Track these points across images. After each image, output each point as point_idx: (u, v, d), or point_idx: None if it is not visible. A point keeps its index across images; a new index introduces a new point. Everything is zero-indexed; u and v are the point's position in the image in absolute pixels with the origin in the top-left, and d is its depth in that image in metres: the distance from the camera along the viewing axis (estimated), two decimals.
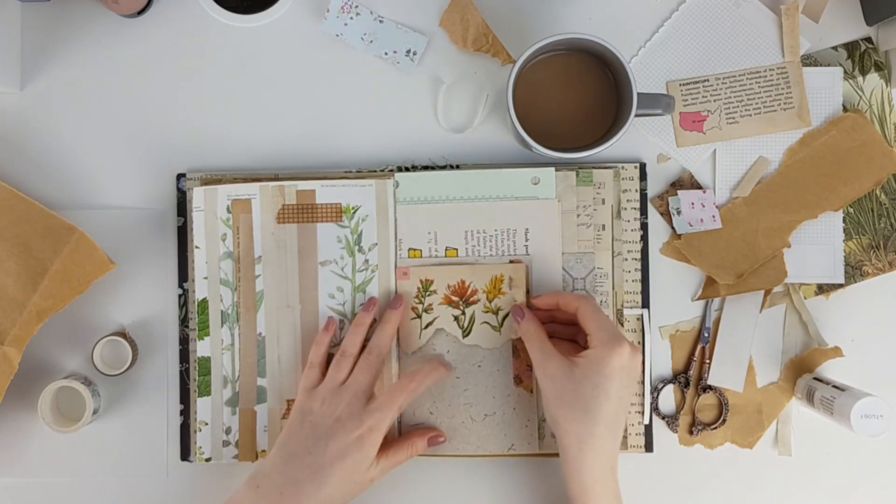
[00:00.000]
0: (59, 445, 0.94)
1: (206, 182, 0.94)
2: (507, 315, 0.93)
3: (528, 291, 0.93)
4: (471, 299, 0.93)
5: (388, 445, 0.88)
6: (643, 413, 0.94)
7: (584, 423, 0.83)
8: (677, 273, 0.96)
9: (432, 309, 0.93)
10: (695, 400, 0.95)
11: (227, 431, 0.93)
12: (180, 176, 0.95)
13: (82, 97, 0.95)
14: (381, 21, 0.95)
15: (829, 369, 0.95)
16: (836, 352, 0.95)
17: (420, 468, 0.94)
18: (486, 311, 0.93)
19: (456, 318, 0.93)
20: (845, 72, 0.95)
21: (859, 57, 0.96)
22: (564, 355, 0.86)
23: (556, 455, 0.91)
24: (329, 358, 0.92)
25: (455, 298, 0.93)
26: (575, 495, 0.84)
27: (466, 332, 0.93)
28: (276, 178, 0.94)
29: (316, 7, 0.95)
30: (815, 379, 0.92)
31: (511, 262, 0.93)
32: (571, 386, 0.84)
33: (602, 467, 0.84)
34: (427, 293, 0.93)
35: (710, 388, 0.95)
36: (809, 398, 0.91)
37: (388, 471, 0.88)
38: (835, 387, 0.89)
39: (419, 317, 0.93)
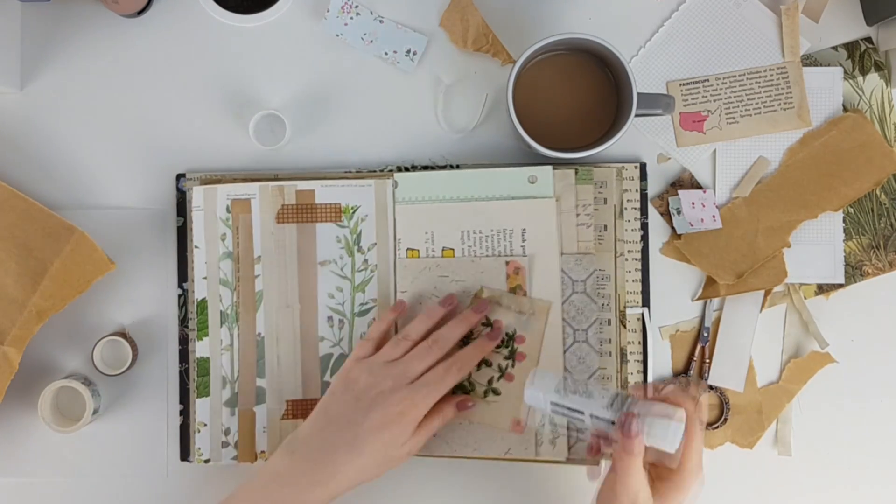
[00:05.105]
0: (59, 445, 0.94)
1: (205, 182, 0.94)
2: None
3: (525, 292, 0.93)
4: None
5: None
6: None
7: None
8: (677, 273, 0.96)
9: None
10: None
11: (227, 432, 0.93)
12: (180, 176, 0.95)
13: (82, 97, 0.95)
14: (381, 21, 0.95)
15: (827, 372, 0.95)
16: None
17: (417, 469, 0.94)
18: None
19: None
20: (845, 72, 0.95)
21: (859, 57, 0.96)
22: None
23: (553, 461, 0.91)
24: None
25: None
26: None
27: None
28: (276, 178, 0.94)
29: (316, 7, 0.95)
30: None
31: (508, 262, 0.93)
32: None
33: None
34: None
35: (711, 387, 0.95)
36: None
37: (423, 442, 0.87)
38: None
39: None
